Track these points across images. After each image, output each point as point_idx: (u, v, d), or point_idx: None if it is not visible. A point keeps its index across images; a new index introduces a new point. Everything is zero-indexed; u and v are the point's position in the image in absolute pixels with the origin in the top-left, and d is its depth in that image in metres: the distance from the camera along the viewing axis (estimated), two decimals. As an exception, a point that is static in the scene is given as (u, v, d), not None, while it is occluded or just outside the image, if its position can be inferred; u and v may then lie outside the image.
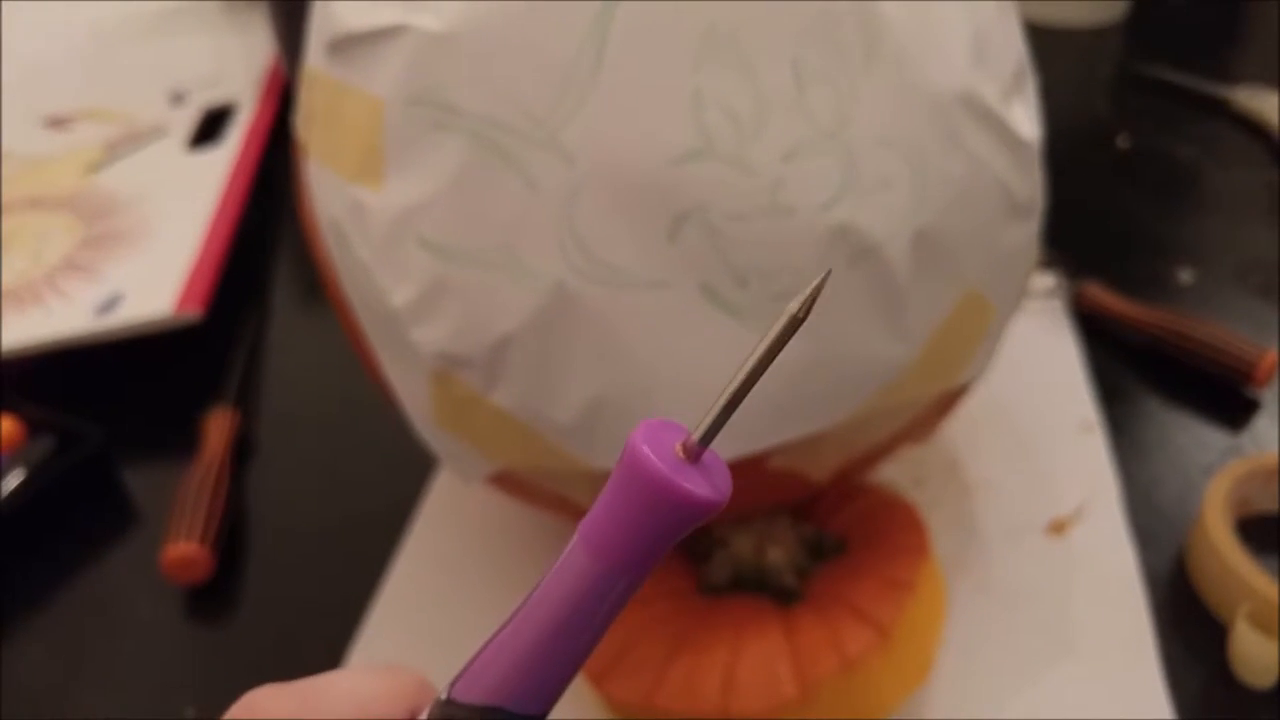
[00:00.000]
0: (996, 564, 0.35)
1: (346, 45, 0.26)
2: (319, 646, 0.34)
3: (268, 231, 0.56)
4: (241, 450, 0.42)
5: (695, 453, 0.14)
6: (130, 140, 0.64)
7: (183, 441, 0.42)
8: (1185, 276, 0.48)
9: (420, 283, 0.25)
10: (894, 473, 0.37)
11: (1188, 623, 0.33)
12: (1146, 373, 0.43)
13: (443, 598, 0.35)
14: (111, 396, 0.45)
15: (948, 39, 0.25)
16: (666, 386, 0.25)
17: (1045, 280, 0.46)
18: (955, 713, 0.30)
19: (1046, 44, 0.28)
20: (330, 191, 0.27)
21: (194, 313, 0.44)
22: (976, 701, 0.30)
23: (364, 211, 0.26)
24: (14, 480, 0.39)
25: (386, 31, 0.25)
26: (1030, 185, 0.27)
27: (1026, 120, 0.27)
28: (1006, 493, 0.38)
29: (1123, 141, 0.58)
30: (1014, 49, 0.27)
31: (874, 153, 0.24)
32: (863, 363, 0.26)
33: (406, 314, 0.26)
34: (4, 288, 0.48)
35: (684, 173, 0.24)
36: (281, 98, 0.68)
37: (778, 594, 0.29)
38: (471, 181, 0.24)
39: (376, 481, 0.40)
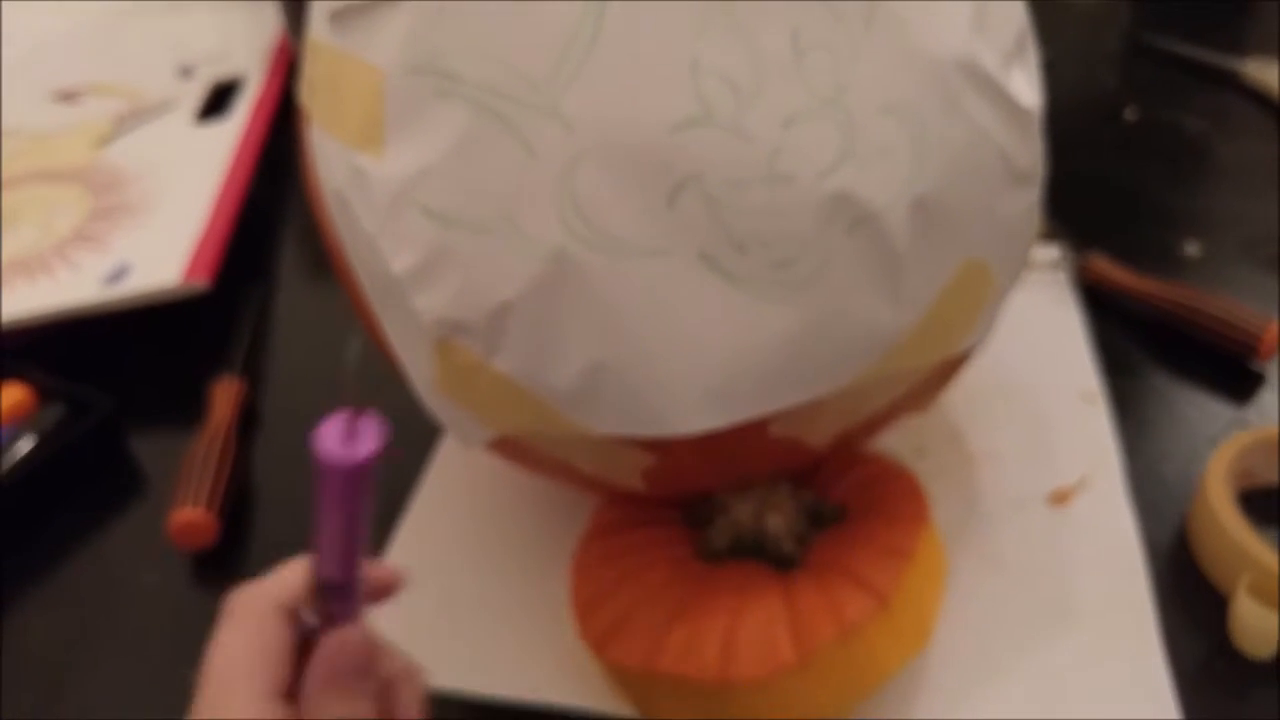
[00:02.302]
0: (998, 534, 0.35)
1: (347, 14, 0.26)
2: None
3: (275, 204, 0.57)
4: (247, 420, 0.43)
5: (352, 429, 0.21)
6: (138, 114, 0.64)
7: (190, 410, 0.42)
8: (1192, 249, 0.47)
9: (421, 250, 0.25)
10: (896, 442, 0.37)
11: (1188, 594, 0.33)
12: (1151, 345, 0.43)
13: (447, 563, 0.36)
14: (119, 366, 0.46)
15: (948, 5, 0.25)
16: (665, 353, 0.25)
17: (1050, 252, 0.46)
18: (955, 681, 0.30)
19: (1053, 15, 0.28)
20: (333, 160, 0.27)
21: (201, 283, 0.44)
22: (976, 670, 0.31)
23: (366, 179, 0.26)
24: (24, 447, 0.39)
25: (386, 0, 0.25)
26: (1031, 153, 0.27)
27: (1027, 88, 0.27)
28: (1009, 463, 0.38)
29: (1130, 114, 0.57)
30: (1015, 15, 0.27)
31: (873, 120, 0.24)
32: (862, 329, 0.26)
33: (408, 281, 0.26)
34: (14, 258, 0.48)
35: (682, 140, 0.24)
36: (288, 72, 0.68)
37: (777, 561, 0.30)
38: (472, 149, 0.24)
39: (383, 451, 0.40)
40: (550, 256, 0.24)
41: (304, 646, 0.24)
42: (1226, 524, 0.32)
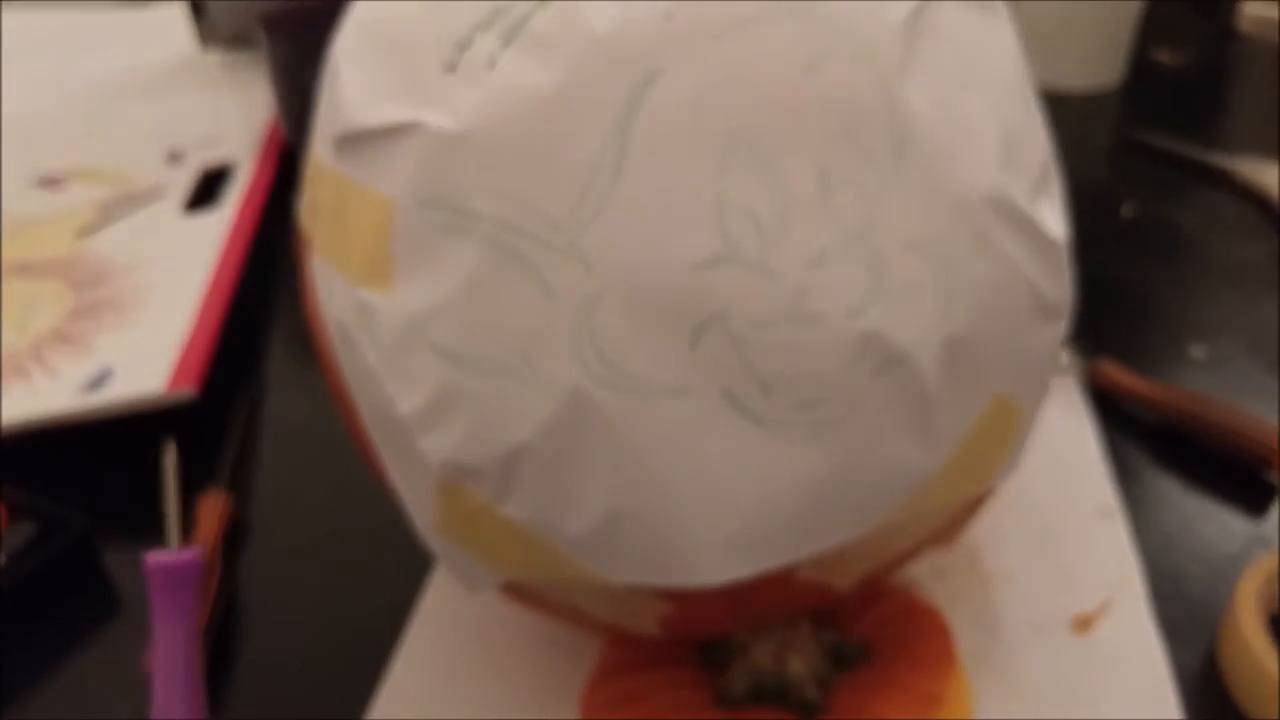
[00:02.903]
0: (1020, 662, 0.34)
1: (355, 141, 0.25)
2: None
3: (264, 300, 0.55)
4: (235, 536, 0.41)
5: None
6: (125, 202, 0.63)
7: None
8: (1198, 352, 0.47)
9: (429, 390, 0.24)
10: (914, 566, 0.36)
11: (1222, 727, 0.32)
12: (1162, 454, 0.42)
13: (443, 699, 0.34)
14: (97, 477, 0.44)
15: (977, 138, 0.24)
16: (688, 498, 0.24)
17: (1059, 357, 0.45)
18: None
19: (1042, 110, 0.28)
20: (336, 292, 0.26)
21: (187, 390, 0.42)
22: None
23: (372, 315, 0.25)
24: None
25: (397, 129, 0.24)
26: (1060, 285, 0.26)
27: (1054, 218, 0.26)
28: (1029, 585, 0.36)
29: (1128, 210, 0.58)
30: (1040, 145, 0.27)
31: (902, 257, 0.23)
32: (891, 471, 0.25)
33: (414, 421, 0.24)
34: (-11, 359, 0.47)
35: (706, 279, 0.23)
36: (280, 158, 0.67)
37: (799, 708, 0.28)
38: (486, 287, 0.23)
39: (377, 571, 0.39)
40: (567, 397, 0.23)
41: None
42: (1260, 656, 0.31)
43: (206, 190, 0.64)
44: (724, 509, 0.24)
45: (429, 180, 0.24)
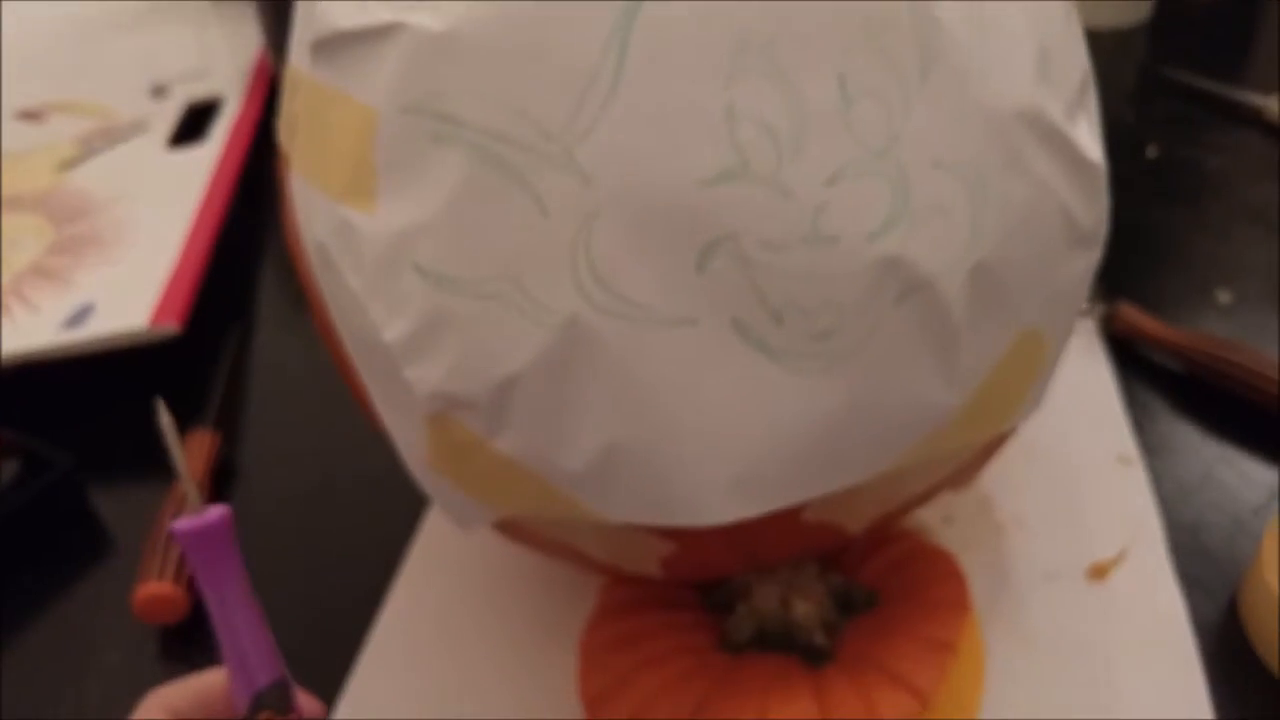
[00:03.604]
0: (1033, 610, 0.32)
1: (334, 45, 0.23)
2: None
3: (252, 236, 0.54)
4: (222, 475, 0.39)
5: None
6: (107, 136, 0.61)
7: (160, 466, 0.39)
8: (1223, 297, 0.45)
9: (416, 315, 0.22)
10: (922, 512, 0.35)
11: (1241, 678, 0.31)
12: (1185, 401, 0.40)
13: (437, 642, 0.32)
14: (83, 416, 0.42)
15: (1011, 49, 0.22)
16: (691, 434, 0.22)
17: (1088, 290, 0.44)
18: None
19: None
20: (316, 211, 0.24)
21: (171, 326, 0.41)
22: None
23: (354, 234, 0.23)
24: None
25: (379, 31, 0.22)
26: (1096, 212, 0.25)
27: (1091, 139, 0.24)
28: (1042, 532, 0.35)
29: (1153, 151, 0.55)
30: (1079, 59, 0.25)
31: (928, 177, 0.22)
32: (909, 410, 0.23)
33: (400, 350, 0.23)
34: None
35: (715, 196, 0.21)
36: (269, 93, 0.65)
37: (806, 653, 0.27)
38: (474, 202, 0.22)
39: (367, 511, 0.37)
40: (562, 325, 0.22)
41: None
42: (1286, 607, 0.30)
43: (192, 125, 0.61)
44: (729, 446, 0.22)
45: (413, 86, 0.22)
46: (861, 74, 0.21)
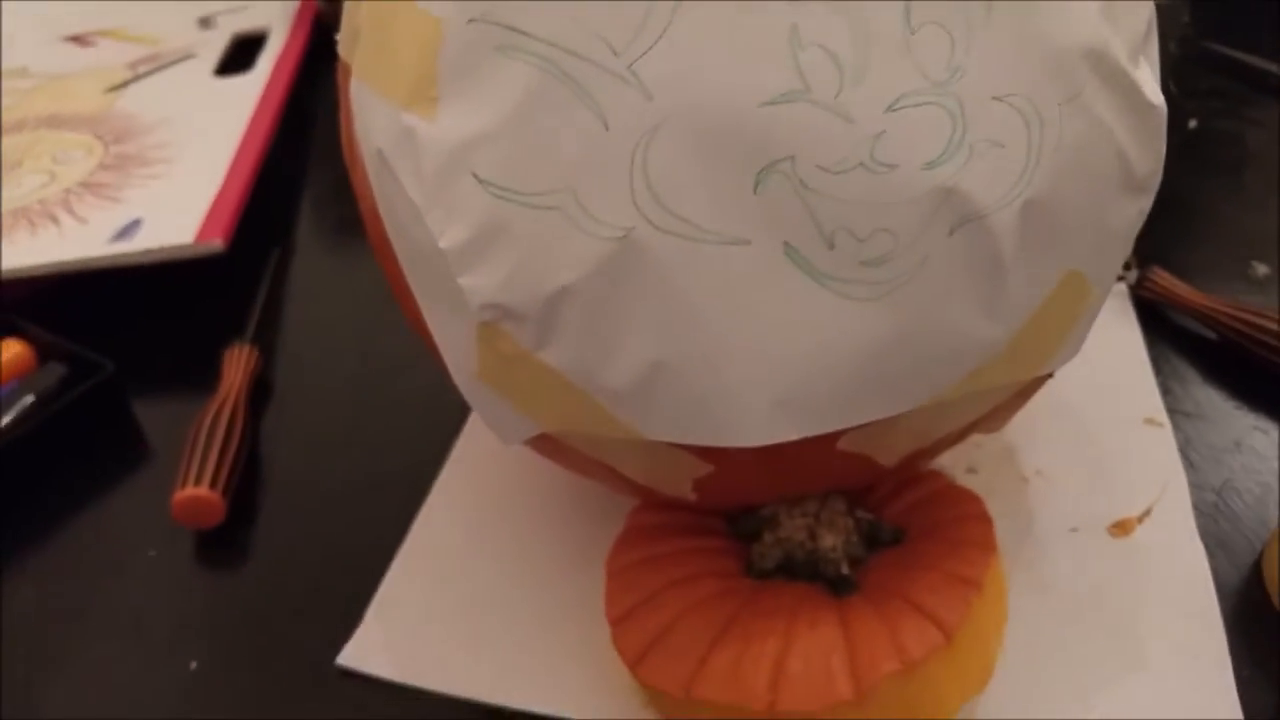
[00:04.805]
0: (1055, 562, 0.33)
1: (402, -46, 0.24)
2: (333, 601, 0.33)
3: (293, 167, 0.54)
4: (258, 391, 0.40)
5: None
6: (155, 61, 0.61)
7: (198, 378, 0.40)
8: (1261, 269, 0.45)
9: (473, 224, 0.23)
10: (945, 457, 0.35)
11: (1262, 639, 0.31)
12: (1215, 368, 0.40)
13: (464, 557, 0.33)
14: (125, 328, 0.43)
15: (1078, -15, 0.22)
16: (736, 354, 0.22)
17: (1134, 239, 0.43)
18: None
19: None
20: (376, 118, 0.25)
21: (216, 243, 0.41)
22: (1035, 711, 0.28)
23: (414, 142, 0.23)
24: (21, 408, 0.37)
25: (449, -60, 0.22)
26: (1151, 157, 0.25)
27: (1153, 84, 0.24)
28: (1066, 486, 0.35)
29: (1192, 124, 0.55)
30: (1144, 3, 0.24)
31: (987, 109, 0.22)
32: (954, 343, 0.23)
33: (455, 258, 0.23)
34: (16, 206, 0.46)
35: (774, 117, 0.21)
36: (313, 26, 0.65)
37: (831, 583, 0.27)
38: (536, 114, 0.22)
39: (399, 431, 0.38)
40: (616, 240, 0.22)
41: None
42: (1308, 569, 0.30)
43: (238, 56, 0.62)
44: (775, 367, 0.22)
45: (479, -6, 0.22)
46: (927, 3, 0.21)
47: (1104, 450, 0.37)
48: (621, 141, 0.21)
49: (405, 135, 0.24)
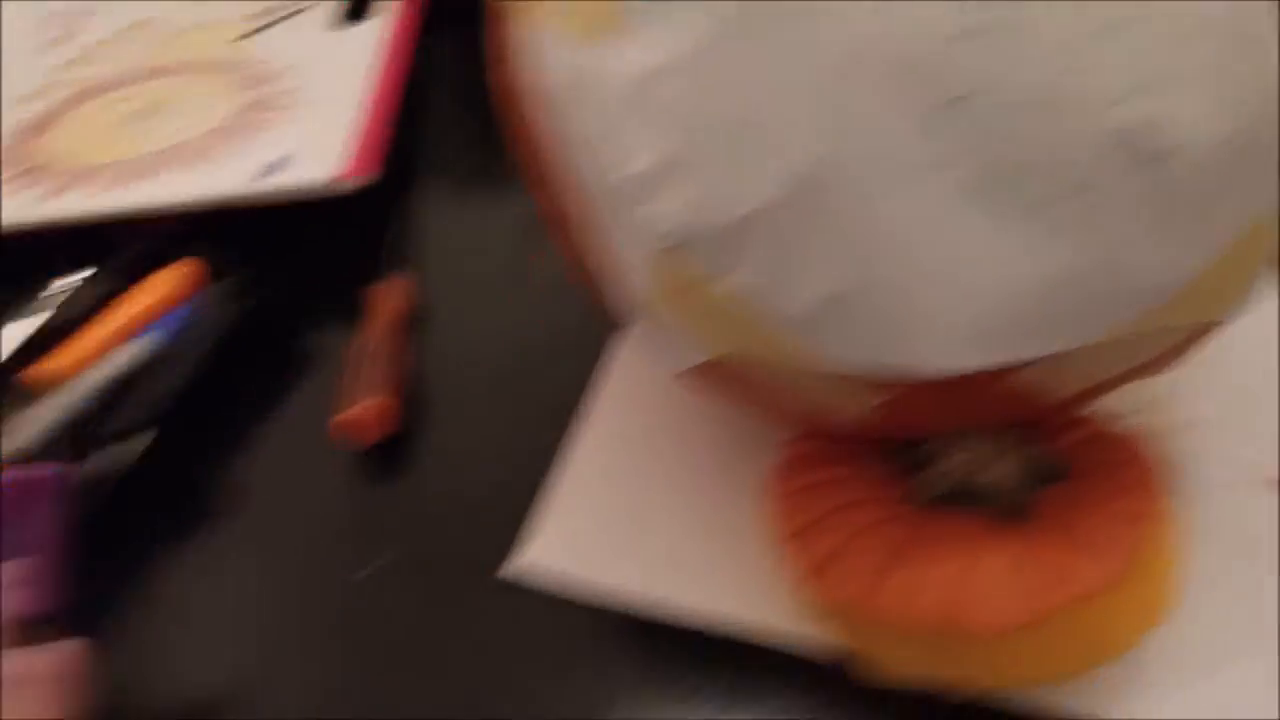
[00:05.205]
0: (1218, 512, 0.32)
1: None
2: (495, 517, 0.34)
3: (419, 114, 0.55)
4: (412, 319, 0.42)
5: None
6: (272, 13, 0.62)
7: (346, 306, 0.41)
8: None
9: (659, 153, 0.23)
10: (1108, 400, 0.34)
11: None
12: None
13: (625, 478, 0.34)
14: (275, 263, 0.45)
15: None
16: (929, 278, 0.22)
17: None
18: (1188, 661, 0.28)
19: None
20: (555, 54, 0.25)
21: (366, 177, 0.43)
22: (1209, 654, 0.28)
23: (597, 74, 0.24)
24: (193, 324, 0.39)
25: None
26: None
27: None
28: (1219, 439, 0.34)
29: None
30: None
31: (1178, 45, 0.21)
32: (1134, 280, 0.23)
33: (638, 186, 0.24)
34: (166, 145, 0.48)
35: (963, 50, 0.21)
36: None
37: (1001, 514, 0.27)
38: (722, 45, 0.22)
39: (553, 362, 0.39)
40: (800, 171, 0.22)
41: None
42: None
43: (359, 6, 0.63)
44: (960, 294, 0.23)
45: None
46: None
47: (1260, 405, 0.36)
48: (807, 74, 0.22)
49: (587, 68, 0.24)
